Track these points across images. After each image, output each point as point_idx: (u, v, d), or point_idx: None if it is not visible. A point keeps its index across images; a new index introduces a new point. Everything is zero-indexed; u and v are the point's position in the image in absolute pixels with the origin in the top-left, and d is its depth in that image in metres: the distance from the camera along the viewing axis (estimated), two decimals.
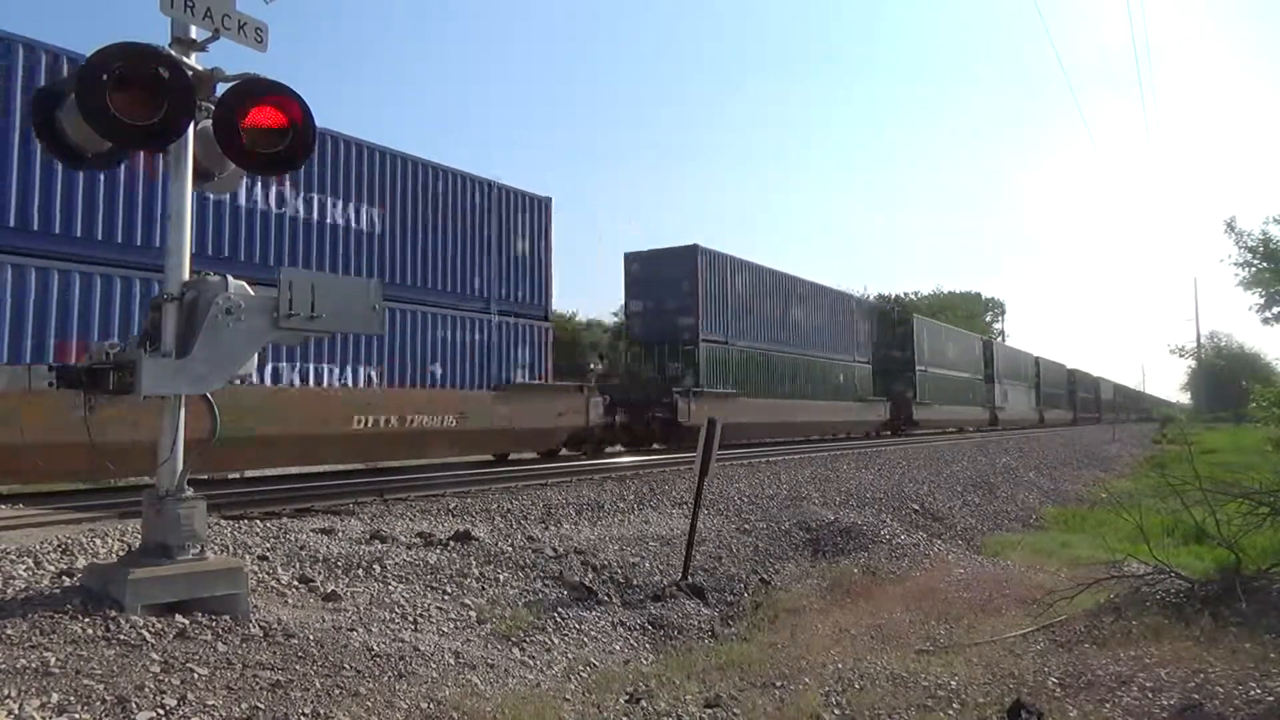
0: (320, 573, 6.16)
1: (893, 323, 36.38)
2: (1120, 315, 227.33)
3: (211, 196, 10.21)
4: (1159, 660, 5.23)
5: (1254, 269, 31.87)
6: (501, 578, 6.78)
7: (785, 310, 25.88)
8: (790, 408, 24.94)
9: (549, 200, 16.33)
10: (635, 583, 7.34)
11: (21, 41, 9.10)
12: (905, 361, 34.62)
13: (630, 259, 22.89)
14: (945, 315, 57.40)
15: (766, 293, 24.83)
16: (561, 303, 28.32)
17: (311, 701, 3.85)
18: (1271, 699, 4.50)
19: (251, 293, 4.81)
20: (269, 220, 11.46)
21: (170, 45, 4.74)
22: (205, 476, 10.66)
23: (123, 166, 9.44)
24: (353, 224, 12.62)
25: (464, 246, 14.35)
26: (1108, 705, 4.62)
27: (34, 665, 3.69)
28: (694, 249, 21.43)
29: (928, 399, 35.41)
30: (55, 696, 3.40)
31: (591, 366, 19.46)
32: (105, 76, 4.31)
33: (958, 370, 40.47)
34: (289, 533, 7.22)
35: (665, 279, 21.83)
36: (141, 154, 9.11)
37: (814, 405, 26.30)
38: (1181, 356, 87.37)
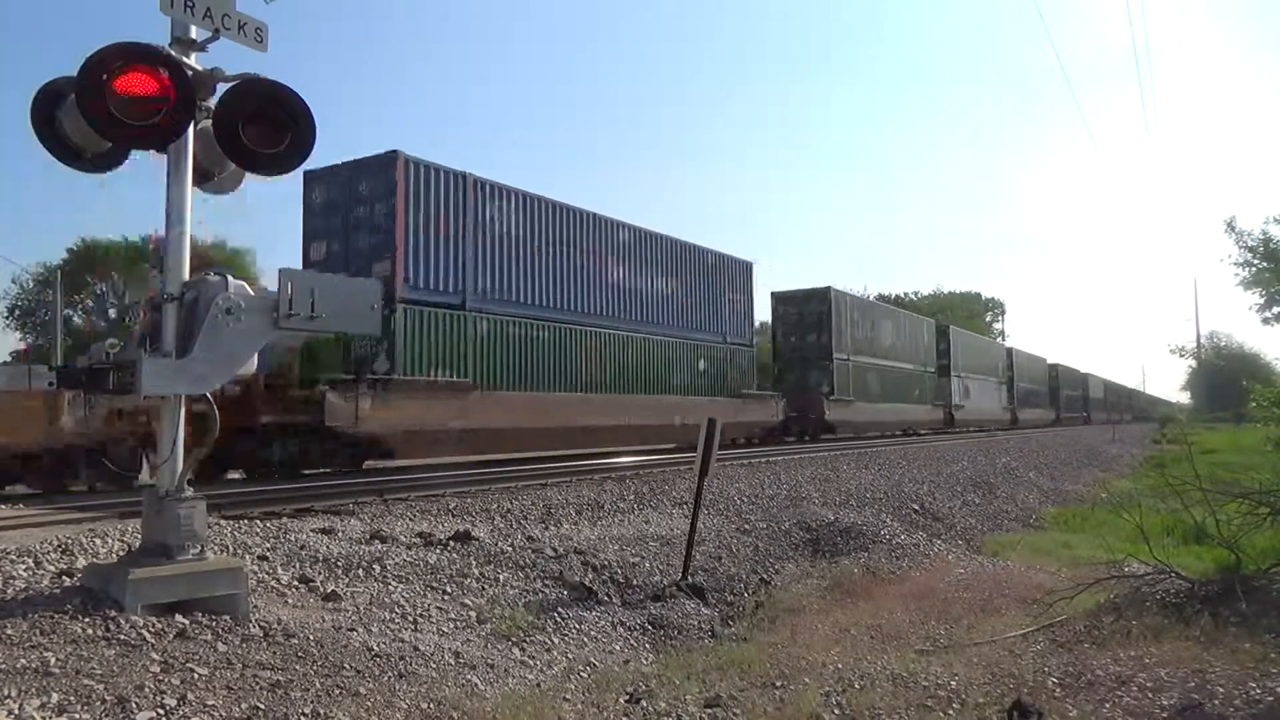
0: (320, 573, 6.16)
1: (804, 300, 28.63)
2: (1120, 315, 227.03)
3: None
4: (1159, 660, 5.22)
5: (1254, 269, 31.88)
6: (501, 578, 6.78)
7: (596, 267, 18.22)
8: (589, 406, 17.02)
9: None
10: (635, 583, 7.35)
11: None
12: (821, 348, 27.78)
13: (310, 180, 14.90)
14: (945, 315, 56.87)
15: (555, 239, 17.19)
16: None
17: (311, 701, 3.85)
18: (1271, 699, 4.50)
19: (251, 293, 4.82)
20: None
21: (170, 45, 4.74)
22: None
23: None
24: None
25: None
26: (1108, 705, 4.62)
27: (34, 665, 3.69)
28: (394, 156, 14.03)
29: (849, 394, 28.30)
30: (55, 696, 3.41)
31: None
32: (105, 76, 4.31)
33: (898, 360, 33.54)
34: (289, 533, 7.22)
35: (357, 209, 14.41)
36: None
37: (639, 402, 18.65)
38: (1181, 356, 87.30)
